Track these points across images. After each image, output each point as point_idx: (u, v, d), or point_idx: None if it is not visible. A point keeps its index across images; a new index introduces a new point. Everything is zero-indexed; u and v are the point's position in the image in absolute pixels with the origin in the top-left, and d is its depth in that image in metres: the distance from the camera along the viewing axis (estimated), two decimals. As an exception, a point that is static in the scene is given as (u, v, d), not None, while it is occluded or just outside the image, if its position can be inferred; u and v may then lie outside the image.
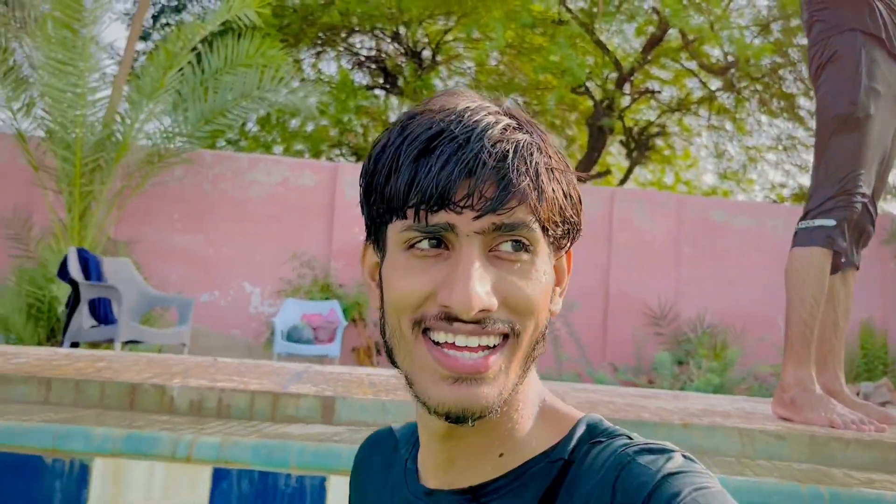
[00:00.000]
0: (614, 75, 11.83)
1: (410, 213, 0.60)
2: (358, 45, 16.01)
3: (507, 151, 0.60)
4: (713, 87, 12.38)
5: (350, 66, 15.99)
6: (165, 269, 8.07)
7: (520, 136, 0.62)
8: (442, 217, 0.60)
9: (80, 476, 1.48)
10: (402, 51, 14.97)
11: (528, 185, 0.61)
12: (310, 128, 14.68)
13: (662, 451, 0.61)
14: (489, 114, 0.63)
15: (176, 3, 11.91)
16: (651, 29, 11.26)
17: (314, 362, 6.44)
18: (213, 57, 7.65)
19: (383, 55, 15.72)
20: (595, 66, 11.32)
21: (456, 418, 0.61)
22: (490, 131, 0.61)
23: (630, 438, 0.63)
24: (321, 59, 16.13)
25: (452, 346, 0.60)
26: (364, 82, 15.74)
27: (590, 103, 12.48)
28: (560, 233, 0.65)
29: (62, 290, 6.44)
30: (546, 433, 0.66)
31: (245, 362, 3.23)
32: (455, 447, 0.66)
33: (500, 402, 0.62)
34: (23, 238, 7.70)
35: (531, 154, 0.62)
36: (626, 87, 12.29)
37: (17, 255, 7.57)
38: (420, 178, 0.60)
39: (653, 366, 7.88)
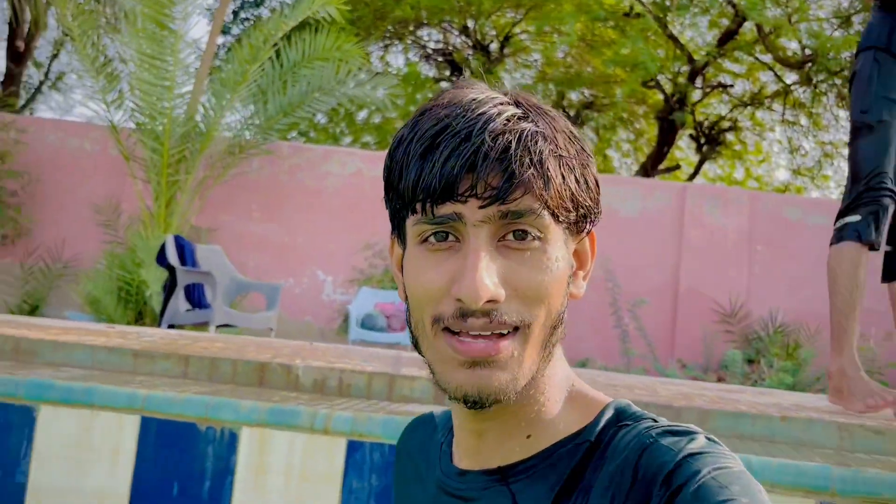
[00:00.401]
0: (686, 69, 11.67)
1: (420, 207, 0.63)
2: (426, 38, 16.17)
3: (510, 142, 0.61)
4: (789, 81, 12.09)
5: (417, 59, 16.17)
6: (243, 257, 8.37)
7: (524, 125, 0.63)
8: (448, 208, 0.62)
9: (230, 443, 1.65)
10: (470, 44, 15.05)
11: (533, 173, 0.62)
12: (377, 119, 14.93)
13: (686, 432, 0.61)
14: (494, 105, 0.63)
15: (255, -2, 12.20)
16: (725, 22, 11.07)
17: (387, 349, 6.63)
18: (291, 51, 7.89)
19: (451, 48, 15.83)
20: (666, 60, 11.20)
21: (473, 402, 0.63)
22: (492, 123, 0.62)
23: (655, 421, 0.64)
24: (389, 52, 16.35)
25: (467, 334, 0.62)
26: (430, 74, 15.90)
27: (660, 97, 12.35)
28: (574, 218, 0.66)
29: (151, 275, 6.77)
30: (574, 416, 0.68)
31: (338, 347, 3.40)
32: (483, 429, 0.68)
33: (516, 387, 0.63)
34: (113, 224, 8.11)
35: (535, 143, 0.62)
36: (698, 81, 12.11)
37: (107, 240, 7.99)
38: (425, 174, 0.61)
39: (722, 364, 7.81)
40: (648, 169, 12.18)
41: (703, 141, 13.10)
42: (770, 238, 8.57)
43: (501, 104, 0.64)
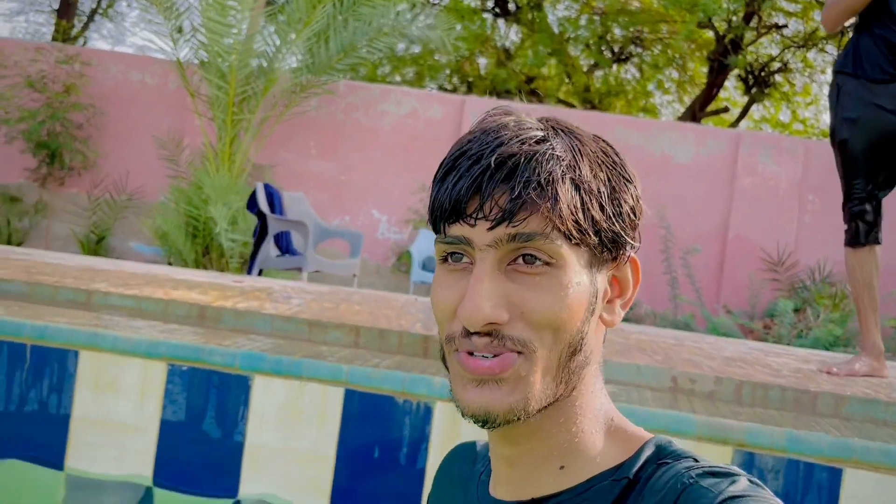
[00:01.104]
0: (740, 9, 11.42)
1: (436, 227, 0.66)
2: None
3: (518, 163, 0.62)
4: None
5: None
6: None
7: (538, 147, 0.63)
8: (458, 230, 0.63)
9: (425, 415, 1.88)
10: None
11: (539, 194, 0.61)
12: (416, 49, 14.78)
13: (727, 474, 0.60)
14: (516, 129, 0.64)
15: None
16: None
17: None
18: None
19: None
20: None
21: (482, 421, 0.63)
22: (504, 146, 0.62)
23: (696, 461, 0.63)
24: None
25: (473, 354, 0.63)
26: (472, 4, 15.64)
27: (711, 36, 12.14)
28: (595, 243, 0.64)
29: (218, 212, 7.01)
30: (613, 451, 0.67)
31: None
32: (513, 455, 0.68)
33: (525, 409, 0.63)
34: (175, 159, 8.30)
35: (546, 164, 0.62)
36: (752, 22, 11.86)
37: (170, 175, 8.20)
38: (440, 195, 0.64)
39: (768, 312, 8.00)
40: (696, 111, 12.08)
41: (751, 83, 12.92)
42: (822, 188, 8.59)
43: (524, 129, 0.64)
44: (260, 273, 5.01)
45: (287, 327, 2.28)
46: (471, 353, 0.62)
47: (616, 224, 0.65)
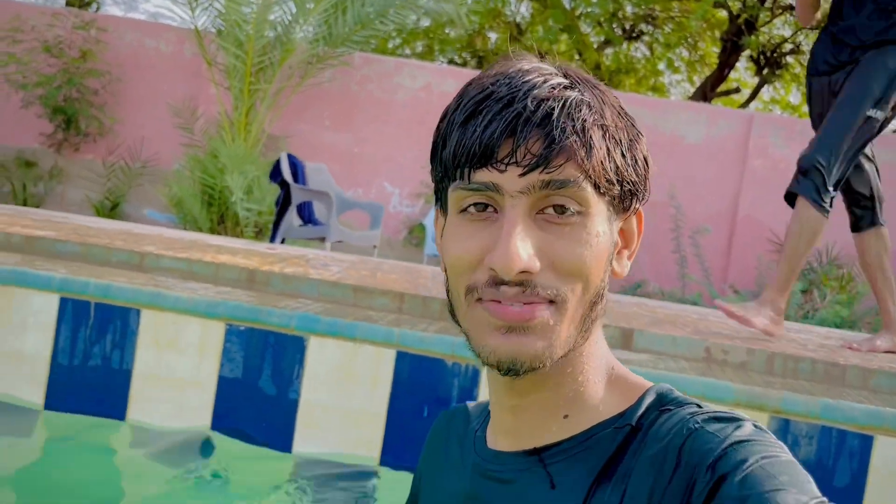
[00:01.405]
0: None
1: (459, 173, 0.62)
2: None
3: (553, 109, 0.60)
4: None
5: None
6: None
7: (570, 93, 0.62)
8: (485, 176, 0.61)
9: (473, 377, 1.97)
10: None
11: (576, 141, 0.60)
12: (425, 23, 14.72)
13: (732, 419, 0.61)
14: (540, 74, 0.63)
15: None
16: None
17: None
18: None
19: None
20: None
21: (507, 368, 0.62)
22: (536, 90, 0.61)
23: (699, 407, 0.63)
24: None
25: (501, 302, 0.62)
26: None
27: (724, 16, 12.11)
28: (617, 193, 0.64)
29: (234, 181, 7.08)
30: (614, 400, 0.67)
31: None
32: (520, 405, 0.67)
33: (552, 356, 0.62)
34: (190, 127, 8.34)
35: (580, 111, 0.61)
36: (767, 2, 11.83)
37: (185, 143, 8.24)
38: (466, 139, 0.61)
39: (775, 292, 8.10)
40: (707, 91, 12.09)
41: (763, 64, 12.90)
42: (832, 172, 8.67)
43: (549, 74, 0.63)
44: (282, 242, 5.09)
45: (333, 292, 2.37)
46: (498, 302, 0.61)
47: (634, 175, 0.65)
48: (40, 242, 2.41)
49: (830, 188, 2.66)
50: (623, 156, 0.64)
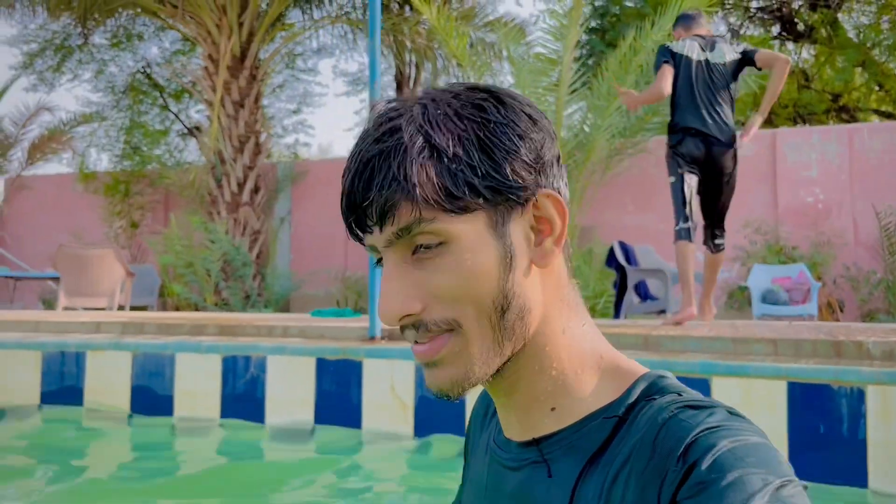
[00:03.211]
0: None
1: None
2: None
3: (374, 165, 0.62)
4: None
5: (739, 24, 15.77)
6: (624, 247, 9.30)
7: (391, 139, 0.63)
8: (367, 240, 0.66)
9: (859, 396, 2.39)
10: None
11: (397, 187, 0.62)
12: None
13: (705, 406, 0.61)
14: (375, 128, 0.64)
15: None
16: None
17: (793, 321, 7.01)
18: (642, 55, 8.56)
19: (776, 2, 15.20)
20: None
21: (441, 397, 0.67)
22: (363, 152, 0.63)
23: (679, 395, 0.64)
24: (711, 20, 16.16)
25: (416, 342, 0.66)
26: (756, 34, 15.41)
27: None
28: (483, 202, 0.63)
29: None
30: (605, 389, 0.67)
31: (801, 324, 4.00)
32: (507, 405, 0.71)
33: (470, 378, 0.65)
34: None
35: (397, 154, 0.62)
36: None
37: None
38: (343, 215, 0.66)
39: None
40: None
41: None
42: None
43: (383, 123, 0.64)
44: (624, 317, 5.75)
45: (714, 345, 2.94)
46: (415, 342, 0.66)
47: (498, 177, 0.63)
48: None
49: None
50: (473, 168, 0.62)
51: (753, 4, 15.62)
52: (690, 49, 4.26)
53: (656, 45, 8.12)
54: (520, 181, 0.64)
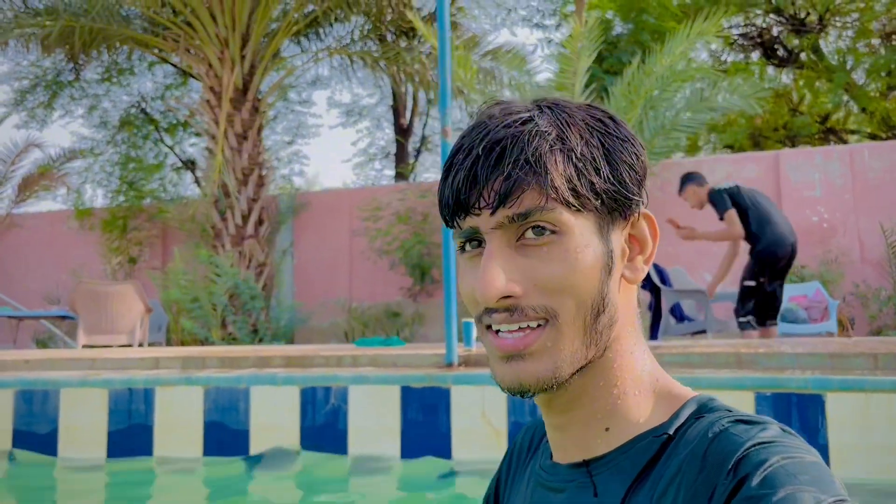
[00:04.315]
0: None
1: (450, 222, 0.68)
2: (725, 26, 16.11)
3: (505, 146, 0.63)
4: None
5: (718, 50, 16.14)
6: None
7: (524, 127, 0.65)
8: (468, 221, 0.66)
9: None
10: (782, 20, 14.73)
11: (529, 171, 0.63)
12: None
13: (758, 422, 0.61)
14: (503, 115, 0.66)
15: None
16: None
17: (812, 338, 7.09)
18: (651, 79, 8.71)
19: (758, 29, 15.60)
20: None
21: (517, 392, 0.66)
22: (492, 133, 0.65)
23: (730, 412, 0.64)
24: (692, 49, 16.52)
25: (500, 331, 0.65)
26: (737, 59, 15.77)
27: None
28: (600, 205, 0.66)
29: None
30: (657, 411, 0.68)
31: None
32: (560, 423, 0.70)
33: (556, 376, 0.65)
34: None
35: (532, 141, 0.63)
36: None
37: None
38: (444, 194, 0.67)
39: None
40: None
41: None
42: None
43: (510, 113, 0.66)
44: (661, 339, 5.76)
45: (812, 361, 2.94)
46: (498, 332, 0.65)
47: (616, 185, 0.66)
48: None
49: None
50: (597, 170, 0.65)
51: (734, 31, 16.03)
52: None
53: (665, 70, 8.29)
54: (632, 195, 0.67)
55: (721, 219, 5.42)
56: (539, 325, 0.64)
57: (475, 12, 11.56)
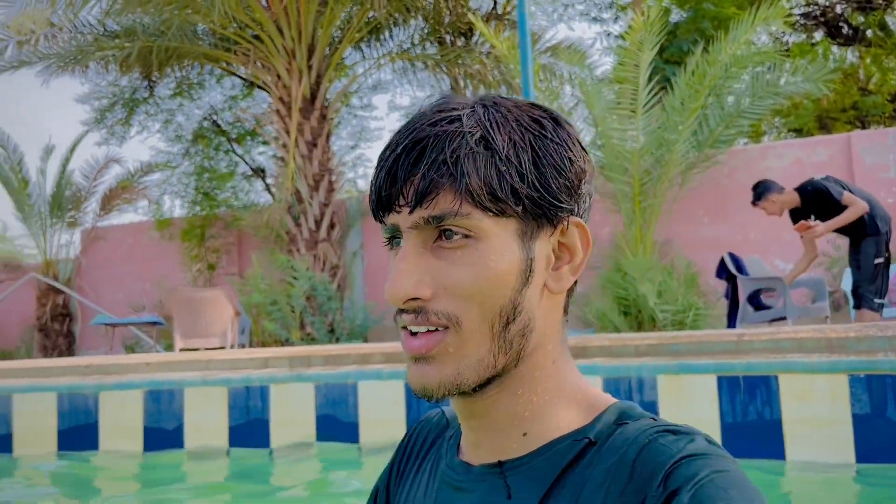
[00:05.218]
0: None
1: (376, 217, 0.68)
2: (790, 7, 15.81)
3: (426, 146, 0.62)
4: None
5: (779, 32, 15.83)
6: (702, 258, 9.34)
7: (448, 126, 0.63)
8: (391, 219, 0.65)
9: None
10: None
11: (445, 173, 0.61)
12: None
13: (685, 433, 0.61)
14: (432, 114, 0.65)
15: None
16: None
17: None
18: (715, 68, 8.68)
19: (820, 9, 15.27)
20: None
21: (421, 396, 0.65)
22: (416, 132, 0.63)
23: (655, 420, 0.64)
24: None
25: (409, 332, 0.65)
26: (797, 41, 15.46)
27: None
28: (520, 211, 0.63)
29: (647, 289, 8.06)
30: (576, 417, 0.67)
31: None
32: (477, 426, 0.69)
33: (459, 382, 0.64)
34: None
35: (452, 141, 0.62)
36: None
37: (593, 266, 9.53)
38: (372, 188, 0.66)
39: None
40: None
41: None
42: None
43: (441, 111, 0.65)
44: (739, 327, 5.82)
45: (899, 343, 3.02)
46: (413, 334, 0.64)
47: (541, 190, 0.64)
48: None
49: None
50: (521, 174, 0.63)
51: (796, 11, 15.70)
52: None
53: (731, 59, 8.28)
54: (558, 201, 0.65)
55: (814, 214, 5.62)
56: (442, 330, 0.63)
57: (532, 9, 11.65)
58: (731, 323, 5.85)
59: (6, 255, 12.39)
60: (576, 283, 0.70)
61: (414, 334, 0.64)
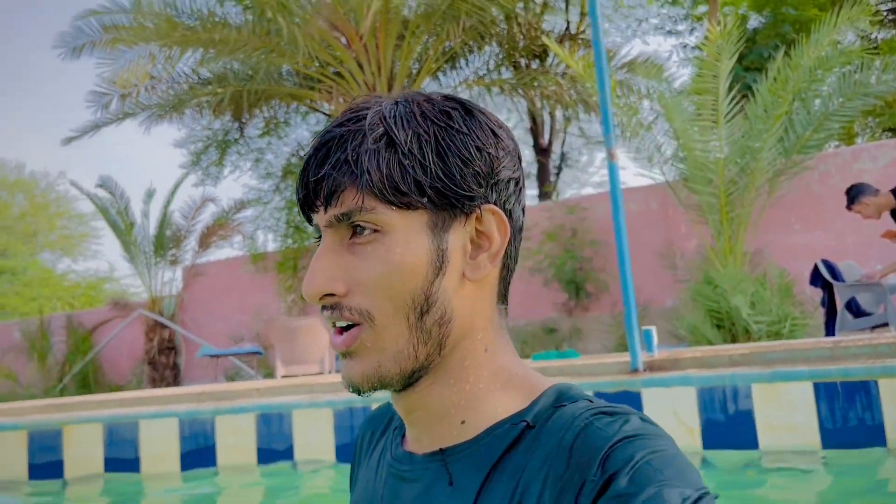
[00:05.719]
0: None
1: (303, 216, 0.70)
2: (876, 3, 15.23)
3: (331, 147, 0.65)
4: None
5: (865, 29, 15.24)
6: (795, 266, 9.08)
7: (352, 125, 0.65)
8: (315, 219, 0.67)
9: None
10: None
11: (347, 171, 0.63)
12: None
13: (619, 413, 0.62)
14: (343, 115, 0.67)
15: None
16: None
17: None
18: (798, 73, 8.49)
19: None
20: None
21: (351, 390, 0.67)
22: (327, 133, 0.66)
23: (591, 402, 0.65)
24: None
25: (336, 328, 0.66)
26: (884, 37, 14.85)
27: None
28: (426, 203, 0.64)
29: (739, 300, 7.89)
30: (513, 401, 0.68)
31: None
32: (415, 420, 0.70)
33: (382, 374, 0.65)
34: (675, 266, 9.54)
35: (354, 139, 0.64)
36: None
37: (677, 279, 9.42)
38: (296, 187, 0.68)
39: None
40: None
41: None
42: None
43: (353, 110, 0.67)
44: (838, 335, 5.66)
45: None
46: (339, 330, 0.66)
47: (446, 180, 0.64)
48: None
49: None
50: (424, 167, 0.64)
51: (882, 7, 15.12)
52: None
53: (815, 61, 8.09)
54: (466, 190, 0.65)
55: None
56: (358, 325, 0.65)
57: (606, 26, 11.70)
58: (830, 331, 5.70)
59: (116, 294, 13.23)
60: (508, 269, 0.71)
61: (340, 331, 0.66)
